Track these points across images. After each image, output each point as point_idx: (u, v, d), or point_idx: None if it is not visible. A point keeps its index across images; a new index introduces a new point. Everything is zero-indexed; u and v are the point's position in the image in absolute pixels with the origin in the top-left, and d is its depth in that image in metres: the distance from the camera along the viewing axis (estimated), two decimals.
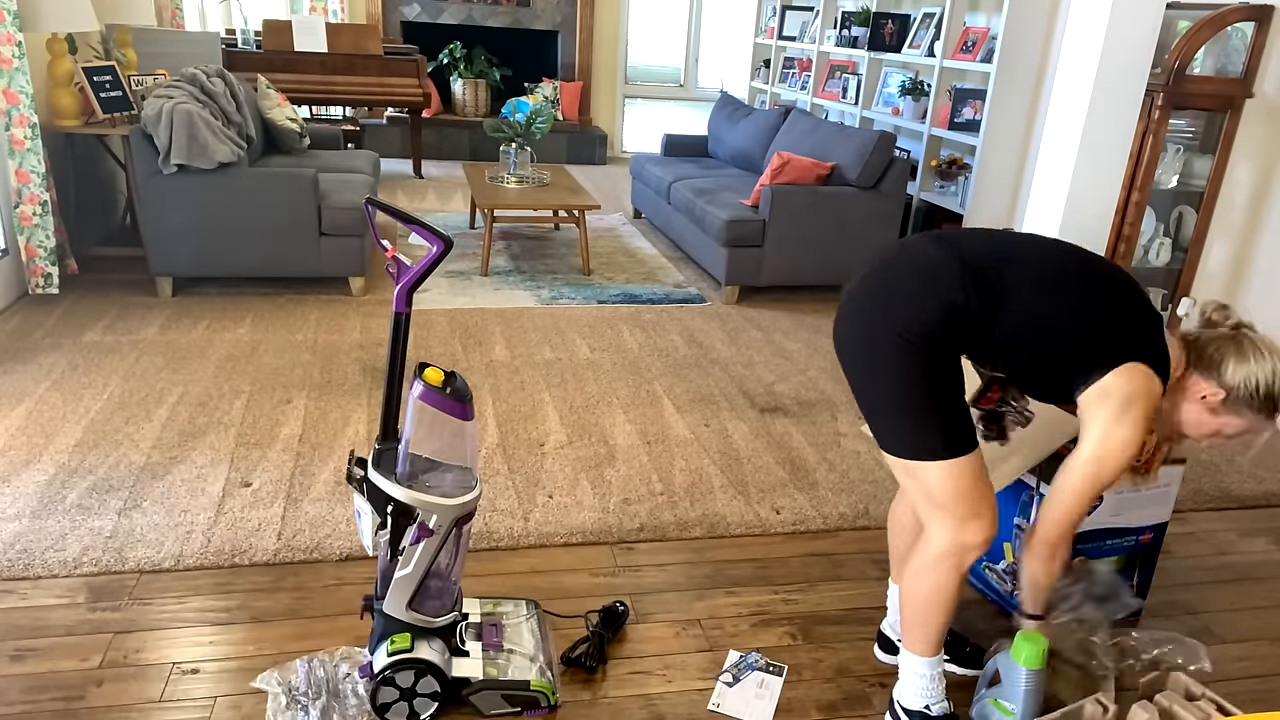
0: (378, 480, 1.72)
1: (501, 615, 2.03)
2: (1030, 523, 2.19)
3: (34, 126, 3.81)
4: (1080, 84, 2.33)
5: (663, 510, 2.64)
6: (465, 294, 4.50)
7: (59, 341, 3.59)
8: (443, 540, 1.74)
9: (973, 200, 5.14)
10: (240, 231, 4.08)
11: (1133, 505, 2.18)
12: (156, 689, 1.86)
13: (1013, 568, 2.25)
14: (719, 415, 3.29)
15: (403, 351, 1.76)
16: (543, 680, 1.86)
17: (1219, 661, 2.16)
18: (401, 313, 1.73)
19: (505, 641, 1.94)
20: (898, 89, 5.95)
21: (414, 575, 1.75)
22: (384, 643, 1.79)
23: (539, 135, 5.22)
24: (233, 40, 6.77)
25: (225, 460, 2.76)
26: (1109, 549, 2.21)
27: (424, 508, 1.71)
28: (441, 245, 1.69)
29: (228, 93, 4.49)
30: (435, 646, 1.81)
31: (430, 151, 8.02)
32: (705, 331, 4.16)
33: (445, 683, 1.79)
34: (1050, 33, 4.89)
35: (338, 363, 3.55)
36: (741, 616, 2.21)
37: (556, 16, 8.44)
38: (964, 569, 1.69)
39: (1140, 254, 3.90)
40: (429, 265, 1.70)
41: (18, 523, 2.38)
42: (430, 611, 1.81)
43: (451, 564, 1.80)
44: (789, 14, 7.52)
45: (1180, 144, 3.92)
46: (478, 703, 1.83)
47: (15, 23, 3.67)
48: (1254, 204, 3.68)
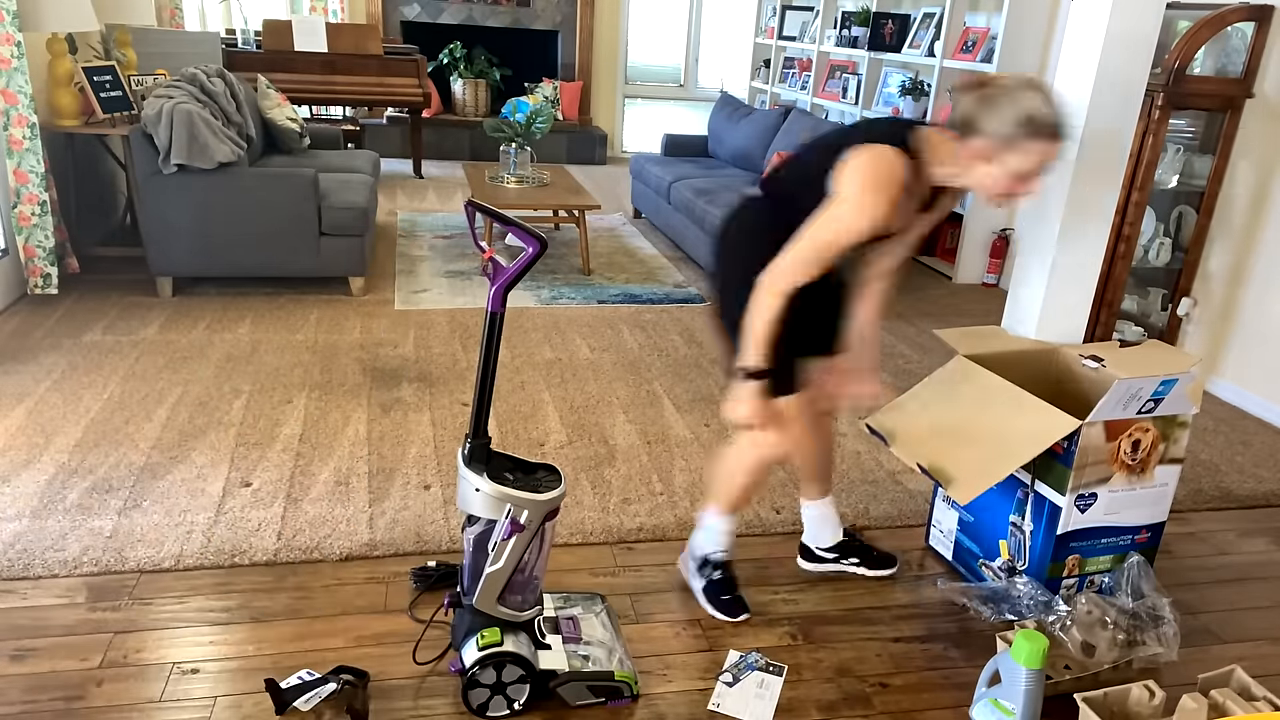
0: (469, 475, 1.76)
1: (574, 609, 2.06)
2: (1024, 520, 2.20)
3: (33, 126, 3.81)
4: (1080, 84, 2.33)
5: (663, 510, 2.64)
6: (465, 294, 4.50)
7: (59, 341, 3.59)
8: (532, 535, 1.78)
9: (973, 200, 5.14)
10: (240, 231, 4.08)
11: (1128, 504, 2.18)
12: (156, 689, 1.86)
13: (1008, 564, 2.25)
14: (719, 415, 3.29)
15: (496, 350, 1.78)
16: (625, 670, 1.90)
17: (1219, 661, 2.15)
18: (496, 312, 1.76)
19: (582, 634, 1.98)
20: (898, 89, 5.95)
21: (504, 570, 1.79)
22: (472, 637, 1.82)
23: (539, 135, 5.22)
24: (233, 40, 6.77)
25: (225, 460, 2.76)
26: (1104, 548, 2.22)
27: (516, 504, 1.74)
28: (537, 245, 1.71)
29: (228, 93, 4.49)
30: (522, 640, 1.86)
31: (430, 151, 8.02)
32: (705, 331, 4.16)
33: (534, 675, 1.83)
34: (1050, 33, 4.89)
35: (338, 363, 3.55)
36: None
37: (556, 16, 8.44)
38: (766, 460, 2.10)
39: (1140, 254, 3.90)
40: (525, 265, 1.72)
41: (18, 523, 2.38)
42: (516, 606, 1.85)
43: (536, 559, 1.83)
44: (789, 14, 7.52)
45: (1180, 144, 3.92)
46: (565, 694, 1.86)
47: (15, 22, 3.67)
48: (1254, 204, 3.68)
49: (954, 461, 2.11)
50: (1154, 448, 2.14)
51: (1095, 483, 2.12)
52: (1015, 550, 2.24)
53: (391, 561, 2.33)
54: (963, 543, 2.42)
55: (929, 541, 2.55)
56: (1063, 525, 2.13)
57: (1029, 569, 2.21)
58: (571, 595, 2.12)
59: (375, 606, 2.15)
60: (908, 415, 2.30)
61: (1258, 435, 3.42)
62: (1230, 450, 3.28)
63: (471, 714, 1.83)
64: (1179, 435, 2.17)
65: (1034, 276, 2.47)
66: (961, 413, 2.20)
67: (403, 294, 4.42)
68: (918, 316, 4.59)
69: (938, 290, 5.11)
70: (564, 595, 2.12)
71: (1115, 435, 2.08)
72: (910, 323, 4.47)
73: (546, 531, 1.82)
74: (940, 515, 2.50)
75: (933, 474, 2.12)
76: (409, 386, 3.37)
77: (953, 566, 2.46)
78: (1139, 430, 2.11)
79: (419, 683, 1.92)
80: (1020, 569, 2.23)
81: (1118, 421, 2.07)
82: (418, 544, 2.39)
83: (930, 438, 2.20)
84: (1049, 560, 2.16)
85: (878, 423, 2.34)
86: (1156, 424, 2.12)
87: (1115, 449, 2.10)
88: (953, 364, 2.33)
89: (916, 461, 2.17)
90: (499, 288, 1.74)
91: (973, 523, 2.38)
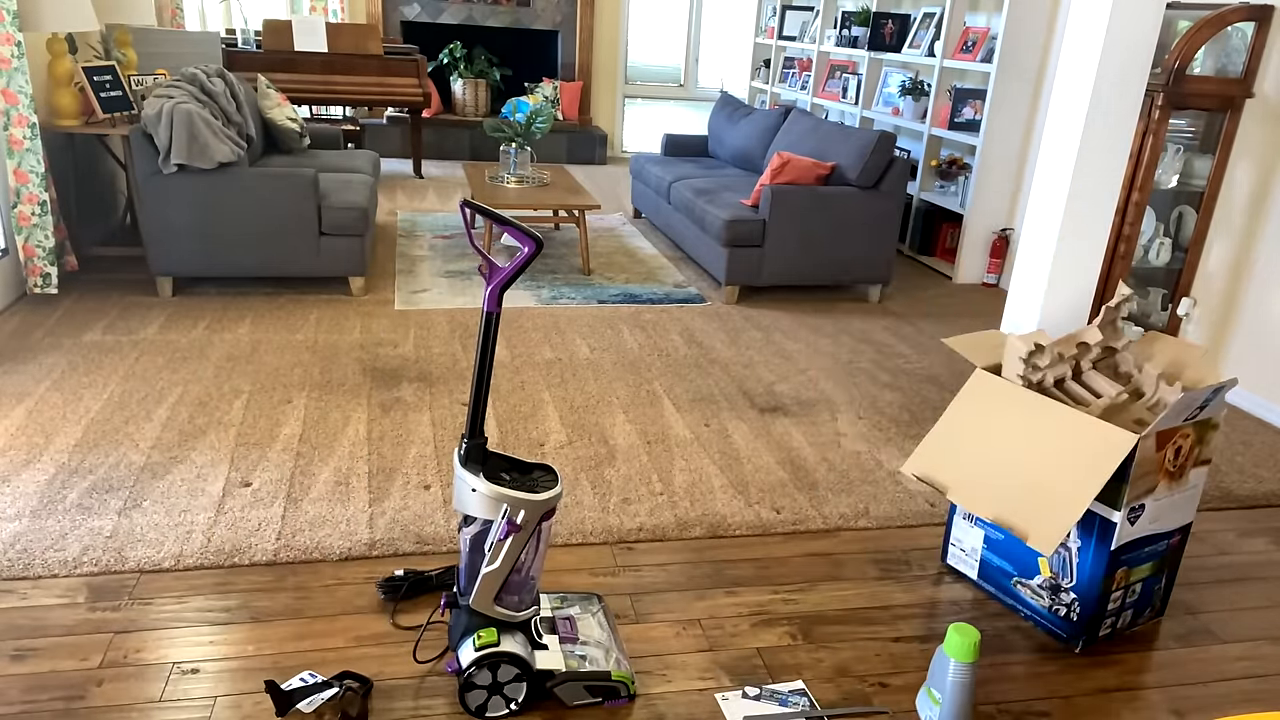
0: (465, 475, 1.75)
1: (570, 609, 2.06)
2: (1070, 536, 2.13)
3: (33, 126, 3.81)
4: (1080, 84, 2.33)
5: (663, 510, 2.64)
6: (465, 294, 4.50)
7: (59, 341, 3.59)
8: (529, 535, 1.78)
9: (973, 200, 5.14)
10: (240, 231, 4.08)
11: (1167, 510, 2.14)
12: (156, 689, 1.86)
13: (1050, 582, 2.20)
14: (719, 415, 3.29)
15: (492, 350, 1.78)
16: (622, 670, 1.90)
17: (1219, 661, 2.16)
18: (492, 312, 1.76)
19: (579, 634, 1.98)
20: (898, 89, 5.95)
21: (501, 570, 1.79)
22: (469, 638, 1.82)
23: (539, 135, 5.22)
24: (233, 40, 6.77)
25: (225, 460, 2.76)
26: (1147, 556, 2.17)
27: (512, 504, 1.74)
28: (533, 245, 1.71)
29: (228, 92, 4.48)
30: (519, 640, 1.86)
31: (430, 151, 8.02)
32: (705, 331, 4.16)
33: (531, 676, 1.83)
34: (1050, 33, 4.89)
35: (338, 363, 3.55)
36: (741, 616, 2.21)
37: (556, 16, 8.44)
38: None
39: (1140, 254, 3.90)
40: (521, 265, 1.72)
41: (18, 523, 2.38)
42: (513, 606, 1.85)
43: (532, 559, 1.84)
44: (789, 14, 7.52)
45: (1180, 144, 3.92)
46: (562, 694, 1.87)
47: (15, 22, 3.67)
48: (1254, 204, 3.68)
49: (1023, 508, 2.02)
50: (1191, 452, 2.11)
51: (1144, 494, 2.05)
52: (1059, 568, 2.17)
53: (391, 561, 2.33)
54: (991, 561, 2.33)
55: (947, 560, 2.47)
56: (1117, 540, 2.05)
57: (1077, 586, 2.14)
58: (568, 595, 2.12)
59: (375, 606, 2.15)
60: (951, 454, 2.19)
61: (1258, 435, 3.42)
62: (1230, 450, 3.28)
63: (470, 716, 1.83)
64: (1211, 437, 2.15)
65: (1034, 277, 2.47)
66: (1007, 441, 2.11)
67: (403, 294, 4.42)
68: (918, 317, 4.59)
69: (938, 290, 5.11)
70: (561, 595, 2.12)
71: (1163, 444, 2.03)
72: (910, 323, 4.48)
73: (543, 532, 1.82)
74: (960, 533, 2.41)
75: (1003, 527, 2.05)
76: (409, 386, 3.37)
77: (979, 586, 2.38)
78: (1181, 437, 2.06)
79: (419, 683, 1.92)
80: (1066, 586, 2.17)
81: (1166, 431, 2.02)
82: (418, 544, 2.39)
83: (987, 481, 2.10)
84: (1101, 576, 2.09)
85: (923, 472, 2.22)
86: (1195, 429, 2.09)
87: (1162, 458, 2.05)
88: (974, 381, 2.26)
89: (983, 515, 2.08)
90: (494, 288, 1.74)
91: (1003, 540, 2.29)
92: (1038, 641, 2.19)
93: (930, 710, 1.85)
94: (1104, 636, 2.19)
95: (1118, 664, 2.13)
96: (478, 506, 1.76)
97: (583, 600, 2.11)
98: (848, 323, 4.42)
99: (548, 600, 2.09)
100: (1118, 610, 2.18)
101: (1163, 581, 2.26)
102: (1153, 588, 2.24)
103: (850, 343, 4.13)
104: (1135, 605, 2.22)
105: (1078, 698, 2.01)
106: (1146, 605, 2.25)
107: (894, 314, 4.60)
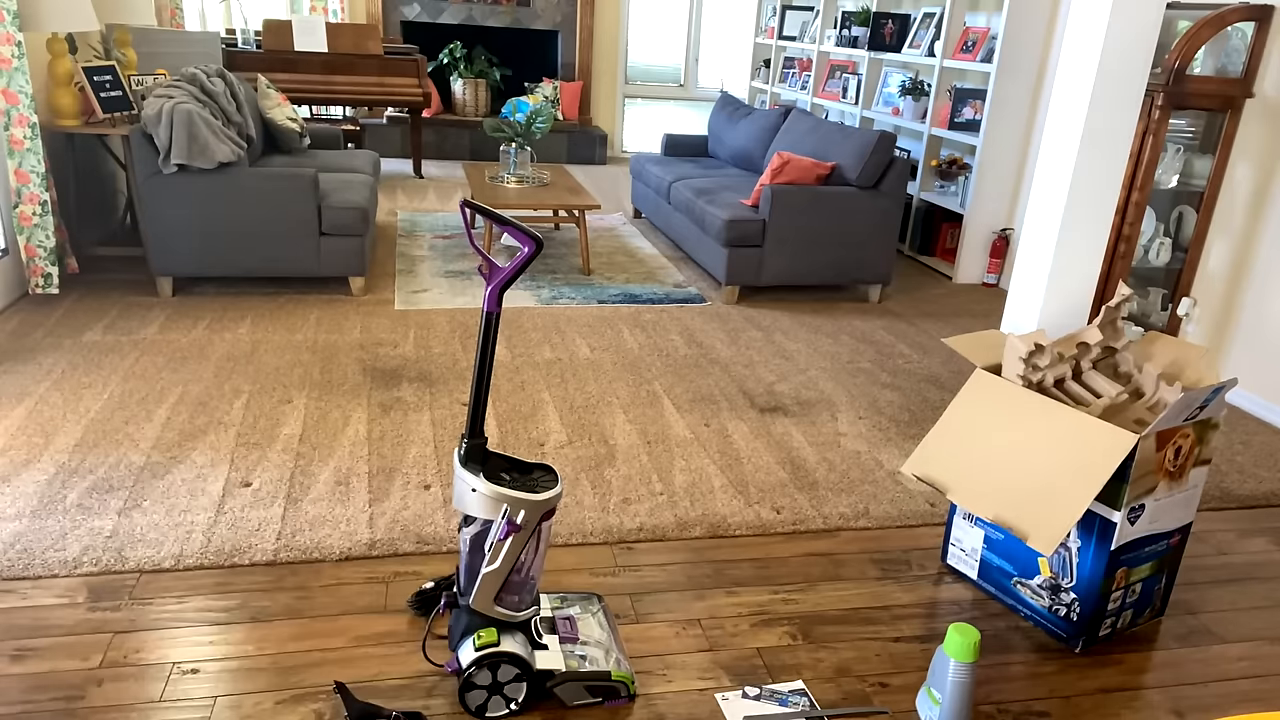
0: (465, 475, 1.76)
1: (570, 609, 2.06)
2: (1069, 536, 2.14)
3: (33, 126, 3.81)
4: (1080, 84, 2.33)
5: (663, 510, 2.64)
6: (465, 294, 4.50)
7: (59, 341, 3.59)
8: (529, 535, 1.78)
9: (973, 200, 5.14)
10: (240, 231, 4.08)
11: (1167, 510, 2.14)
12: (156, 689, 1.86)
13: (1050, 582, 2.21)
14: (719, 415, 3.29)
15: (492, 350, 1.78)
16: (622, 670, 1.90)
17: (1219, 661, 2.16)
18: (492, 312, 1.76)
19: (579, 634, 1.98)
20: (898, 89, 5.95)
21: (501, 570, 1.80)
22: (469, 638, 1.82)
23: (539, 135, 5.22)
24: (233, 40, 6.78)
25: (225, 460, 2.76)
26: (1147, 556, 2.17)
27: (512, 504, 1.74)
28: (533, 245, 1.71)
29: (228, 92, 4.49)
30: (518, 640, 1.86)
31: (430, 151, 8.02)
32: (705, 331, 4.16)
33: (531, 676, 1.83)
34: (1050, 33, 4.89)
35: (338, 363, 3.55)
36: (741, 616, 2.21)
37: (556, 16, 8.44)
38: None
39: (1140, 254, 3.90)
40: (521, 265, 1.72)
41: (18, 523, 2.38)
42: (512, 606, 1.85)
43: (533, 559, 1.84)
44: (789, 14, 7.52)
45: (1180, 144, 3.92)
46: (562, 694, 1.87)
47: (15, 22, 3.67)
48: (1254, 204, 3.68)
49: (1023, 508, 2.02)
50: (1191, 452, 2.11)
51: (1144, 494, 2.05)
52: (1059, 568, 2.17)
53: (391, 561, 2.33)
54: (991, 561, 2.33)
55: (947, 560, 2.47)
56: (1117, 539, 2.05)
57: (1077, 586, 2.14)
58: (568, 595, 2.12)
59: (375, 606, 2.15)
60: (951, 454, 2.19)
61: (1257, 435, 3.42)
62: (1230, 450, 3.28)
63: (470, 716, 1.83)
64: (1211, 437, 2.15)
65: (1034, 277, 2.47)
66: (1008, 441, 2.11)
67: (403, 294, 4.43)
68: (918, 316, 4.59)
69: (938, 290, 5.11)
70: (561, 595, 2.12)
71: (1163, 444, 2.03)
72: (910, 323, 4.48)
73: (543, 532, 1.82)
74: (960, 533, 2.41)
75: (1004, 527, 2.05)
76: (409, 386, 3.37)
77: (979, 586, 2.39)
78: (1180, 437, 2.06)
79: (419, 683, 1.92)
80: (1066, 586, 2.17)
81: (1166, 431, 2.02)
82: (418, 544, 2.39)
83: (988, 481, 2.11)
84: (1101, 576, 2.09)
85: (924, 472, 2.23)
86: (1195, 429, 2.09)
87: (1162, 458, 2.05)
88: (974, 380, 2.26)
89: (983, 515, 2.08)
90: (494, 288, 1.74)
91: (1003, 540, 2.29)
92: (1038, 641, 2.19)
93: (930, 710, 1.85)
94: (1104, 636, 2.19)
95: (1118, 664, 2.13)
96: (478, 506, 1.76)
97: (583, 600, 2.11)
98: (848, 323, 4.42)
99: (548, 600, 2.09)
100: (1118, 610, 2.18)
101: (1163, 581, 2.26)
102: (1153, 588, 2.24)
103: (850, 343, 4.13)
104: (1135, 605, 2.22)
105: (1078, 698, 2.01)
106: (1146, 605, 2.25)
107: (894, 314, 4.60)
